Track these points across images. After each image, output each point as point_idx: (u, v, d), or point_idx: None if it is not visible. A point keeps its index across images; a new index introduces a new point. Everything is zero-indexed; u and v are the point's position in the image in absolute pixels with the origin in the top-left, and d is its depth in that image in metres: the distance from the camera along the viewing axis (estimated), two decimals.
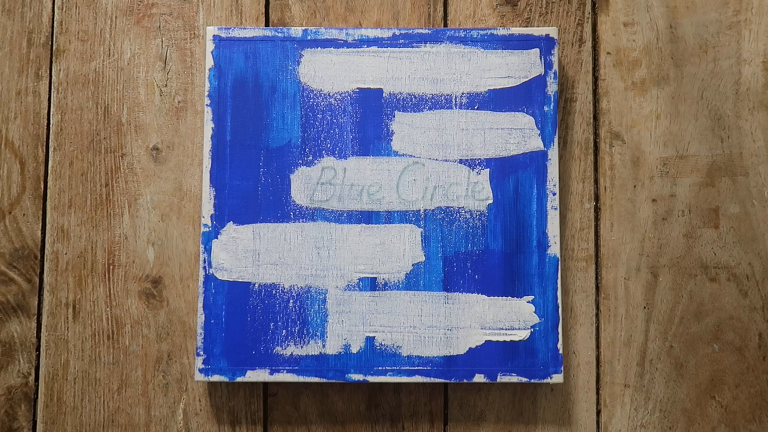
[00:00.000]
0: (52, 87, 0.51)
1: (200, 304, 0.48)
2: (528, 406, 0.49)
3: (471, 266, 0.48)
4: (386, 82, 0.49)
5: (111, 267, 0.50)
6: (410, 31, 0.49)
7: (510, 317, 0.48)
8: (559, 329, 0.47)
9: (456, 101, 0.49)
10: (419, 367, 0.47)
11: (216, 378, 0.47)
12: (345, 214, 0.48)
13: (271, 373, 0.47)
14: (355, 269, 0.48)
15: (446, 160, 0.49)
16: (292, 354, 0.47)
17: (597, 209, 0.51)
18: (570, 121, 0.51)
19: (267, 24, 0.52)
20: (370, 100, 0.49)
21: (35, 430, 0.50)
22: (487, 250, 0.48)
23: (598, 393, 0.50)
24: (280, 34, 0.49)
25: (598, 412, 0.49)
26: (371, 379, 0.47)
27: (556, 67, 0.49)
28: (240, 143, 0.49)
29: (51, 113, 0.51)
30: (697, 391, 0.49)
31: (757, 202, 0.50)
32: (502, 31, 0.49)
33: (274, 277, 0.48)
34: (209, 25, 0.52)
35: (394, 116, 0.49)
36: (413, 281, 0.48)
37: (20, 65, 0.52)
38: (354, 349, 0.47)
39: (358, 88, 0.49)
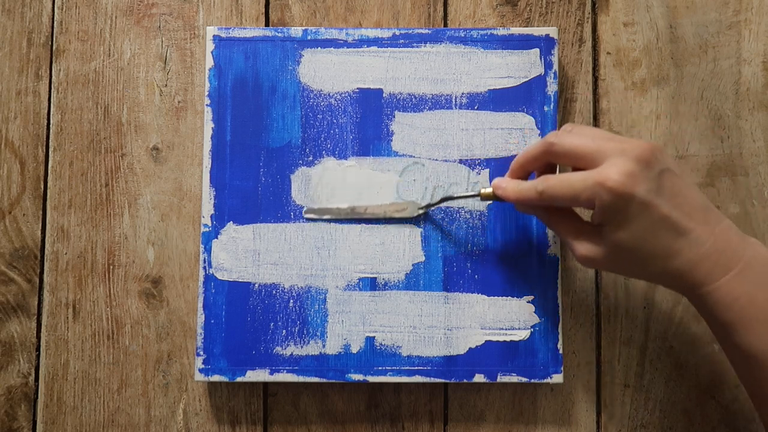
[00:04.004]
0: (52, 87, 0.51)
1: (200, 304, 0.48)
2: (528, 406, 0.49)
3: (471, 266, 0.48)
4: (386, 82, 0.49)
5: (111, 267, 0.50)
6: (410, 31, 0.49)
7: (510, 317, 0.48)
8: (559, 329, 0.47)
9: (456, 101, 0.49)
10: (419, 367, 0.47)
11: (216, 378, 0.47)
12: None
13: (271, 373, 0.47)
14: (355, 269, 0.48)
15: (446, 160, 0.49)
16: (292, 354, 0.47)
17: None
18: (570, 121, 0.51)
19: (267, 24, 0.52)
20: (370, 100, 0.49)
21: (35, 430, 0.50)
22: (487, 250, 0.48)
23: (598, 393, 0.50)
24: (280, 34, 0.49)
25: (598, 412, 0.50)
26: (371, 379, 0.47)
27: (556, 67, 0.49)
28: (240, 143, 0.49)
29: (51, 113, 0.51)
30: (697, 391, 0.49)
31: (757, 202, 0.50)
32: (502, 31, 0.49)
33: (274, 277, 0.48)
34: (209, 25, 0.52)
35: (394, 116, 0.49)
36: (413, 281, 0.48)
37: (20, 65, 0.52)
38: (354, 349, 0.47)
39: (358, 88, 0.49)
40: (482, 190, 0.44)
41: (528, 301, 0.48)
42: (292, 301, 0.48)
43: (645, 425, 0.49)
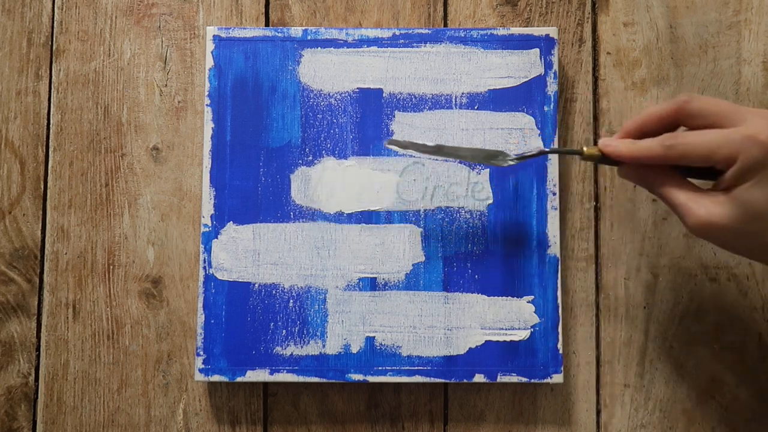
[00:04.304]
0: (52, 87, 0.51)
1: (200, 304, 0.48)
2: (528, 406, 0.49)
3: (471, 266, 0.48)
4: (386, 82, 0.49)
5: (111, 267, 0.50)
6: (410, 31, 0.49)
7: (510, 317, 0.48)
8: (559, 329, 0.47)
9: (456, 101, 0.49)
10: (419, 367, 0.47)
11: (216, 378, 0.47)
12: (345, 214, 0.48)
13: (271, 373, 0.47)
14: (355, 269, 0.48)
15: (446, 160, 0.49)
16: (292, 354, 0.47)
17: (597, 209, 0.51)
18: (570, 121, 0.51)
19: (267, 24, 0.52)
20: (370, 100, 0.49)
21: (35, 430, 0.50)
22: (487, 250, 0.48)
23: (598, 393, 0.50)
24: (280, 34, 0.50)
25: (598, 412, 0.50)
26: (371, 379, 0.47)
27: (556, 67, 0.49)
28: (240, 143, 0.49)
29: (51, 113, 0.51)
30: (697, 391, 0.49)
31: None
32: (502, 31, 0.49)
33: (274, 277, 0.48)
34: (209, 25, 0.52)
35: (394, 116, 0.49)
36: (413, 281, 0.48)
37: (20, 65, 0.52)
38: (354, 349, 0.47)
39: (358, 88, 0.49)
40: (586, 149, 0.41)
41: (528, 301, 0.48)
42: (292, 301, 0.48)
43: (645, 425, 0.49)
